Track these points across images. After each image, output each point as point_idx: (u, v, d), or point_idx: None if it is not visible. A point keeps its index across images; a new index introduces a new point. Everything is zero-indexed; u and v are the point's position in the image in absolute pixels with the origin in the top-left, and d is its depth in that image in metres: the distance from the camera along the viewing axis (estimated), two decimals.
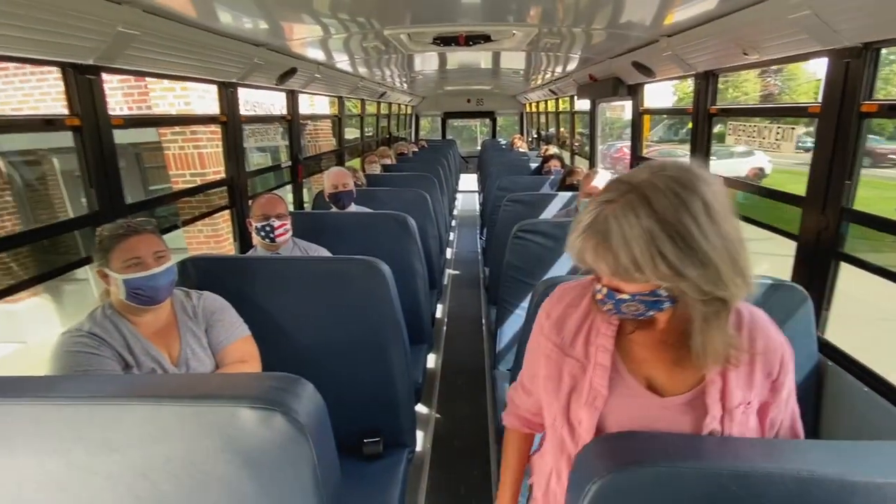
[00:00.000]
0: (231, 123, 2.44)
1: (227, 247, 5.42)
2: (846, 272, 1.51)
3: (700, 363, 0.71)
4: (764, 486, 0.59)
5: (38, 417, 0.76)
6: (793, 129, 1.73)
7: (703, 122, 2.33)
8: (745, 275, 0.66)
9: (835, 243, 1.49)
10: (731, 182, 2.16)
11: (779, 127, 1.78)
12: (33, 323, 5.85)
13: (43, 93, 5.27)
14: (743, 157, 12.41)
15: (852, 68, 1.38)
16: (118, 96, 5.07)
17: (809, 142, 1.64)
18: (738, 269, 0.65)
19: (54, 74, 4.96)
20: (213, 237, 5.40)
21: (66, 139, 1.56)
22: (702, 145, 2.36)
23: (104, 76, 1.58)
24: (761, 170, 12.92)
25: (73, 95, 1.48)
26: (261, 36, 2.11)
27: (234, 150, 2.48)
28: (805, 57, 1.56)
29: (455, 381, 2.91)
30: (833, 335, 1.52)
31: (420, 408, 2.50)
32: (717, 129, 2.42)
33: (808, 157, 1.57)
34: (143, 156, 6.02)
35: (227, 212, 2.62)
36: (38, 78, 5.21)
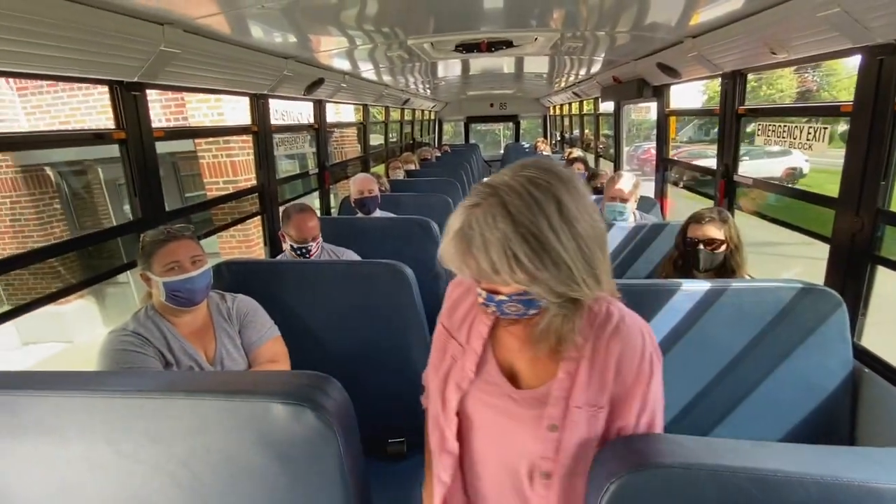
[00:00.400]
0: (262, 133, 2.55)
1: (258, 251, 5.60)
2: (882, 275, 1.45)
3: (532, 349, 0.74)
4: (784, 489, 0.59)
5: (89, 409, 0.82)
6: (825, 129, 1.68)
7: (731, 122, 2.28)
8: (596, 275, 0.67)
9: (870, 246, 1.43)
10: (760, 183, 2.10)
11: (810, 127, 1.73)
12: (79, 323, 6.19)
13: (89, 107, 5.61)
14: (778, 156, 11.91)
15: (886, 66, 1.33)
16: (157, 108, 5.35)
17: None
18: (591, 269, 0.66)
19: (99, 89, 5.27)
20: (244, 242, 5.60)
21: (110, 150, 1.68)
22: (729, 146, 2.31)
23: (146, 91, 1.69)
24: (797, 169, 12.39)
25: (119, 110, 1.59)
26: (290, 49, 2.20)
27: (264, 159, 2.59)
28: (836, 55, 1.52)
29: None
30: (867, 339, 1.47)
31: None
32: (749, 128, 2.36)
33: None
34: (179, 164, 6.31)
35: (257, 217, 2.72)
36: (84, 93, 5.55)
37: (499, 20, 2.11)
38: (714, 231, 1.61)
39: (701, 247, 1.61)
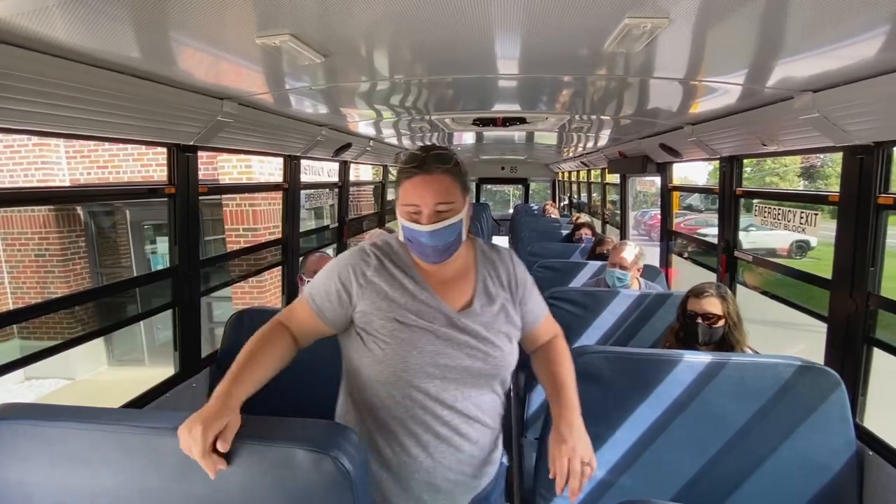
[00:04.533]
0: (291, 190, 2.75)
1: (268, 297, 5.71)
2: None
3: None
4: None
5: (124, 445, 0.88)
6: (816, 214, 1.79)
7: (729, 202, 2.42)
8: None
9: (865, 328, 1.49)
10: (759, 261, 2.19)
11: (802, 212, 1.85)
12: (82, 361, 6.19)
13: (127, 153, 6.00)
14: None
15: (866, 164, 1.46)
16: None
17: None
18: None
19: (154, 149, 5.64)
20: (256, 287, 5.73)
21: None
22: (729, 223, 2.44)
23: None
24: (807, 243, 12.47)
25: (174, 169, 1.77)
26: (324, 119, 2.43)
27: (291, 214, 2.77)
28: (822, 150, 1.67)
29: None
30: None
31: None
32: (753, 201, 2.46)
33: None
34: (202, 210, 6.60)
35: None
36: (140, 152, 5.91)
37: (514, 100, 2.33)
38: (712, 306, 1.65)
39: (699, 321, 1.65)
